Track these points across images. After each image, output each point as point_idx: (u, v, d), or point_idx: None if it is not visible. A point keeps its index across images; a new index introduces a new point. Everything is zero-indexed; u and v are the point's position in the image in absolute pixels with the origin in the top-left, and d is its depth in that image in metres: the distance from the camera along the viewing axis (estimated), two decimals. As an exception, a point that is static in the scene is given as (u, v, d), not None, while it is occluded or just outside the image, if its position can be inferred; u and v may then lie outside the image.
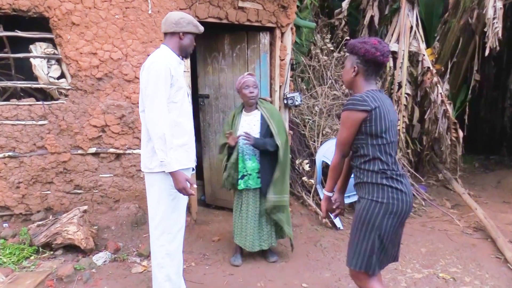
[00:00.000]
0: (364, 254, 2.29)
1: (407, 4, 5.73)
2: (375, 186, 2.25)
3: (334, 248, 4.19)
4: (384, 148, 2.24)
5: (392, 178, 2.25)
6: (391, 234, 2.29)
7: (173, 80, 2.61)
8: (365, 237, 2.28)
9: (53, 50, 3.90)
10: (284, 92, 4.74)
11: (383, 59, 2.25)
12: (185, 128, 2.76)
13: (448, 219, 5.08)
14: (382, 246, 2.29)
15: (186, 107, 2.80)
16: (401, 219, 2.30)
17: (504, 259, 3.93)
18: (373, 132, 2.21)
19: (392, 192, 2.24)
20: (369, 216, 2.25)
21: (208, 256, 3.97)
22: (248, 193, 3.67)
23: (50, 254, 3.66)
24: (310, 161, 5.09)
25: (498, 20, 5.39)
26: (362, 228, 2.29)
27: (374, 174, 2.25)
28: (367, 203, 2.27)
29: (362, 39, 2.29)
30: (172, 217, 2.80)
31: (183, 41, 2.73)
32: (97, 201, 4.16)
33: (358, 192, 2.39)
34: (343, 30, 6.23)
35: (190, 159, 2.84)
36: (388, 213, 2.23)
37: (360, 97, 2.21)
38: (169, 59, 2.65)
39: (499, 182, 6.57)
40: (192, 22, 2.73)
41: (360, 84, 2.32)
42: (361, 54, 2.25)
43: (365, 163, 2.28)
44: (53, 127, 3.93)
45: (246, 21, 4.33)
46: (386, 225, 2.24)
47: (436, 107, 5.78)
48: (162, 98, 2.56)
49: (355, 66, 2.30)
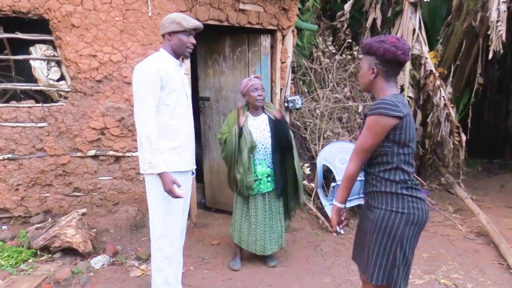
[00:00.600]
0: (385, 267, 2.16)
1: (410, 7, 5.69)
2: (394, 196, 2.12)
3: (335, 253, 4.15)
4: (408, 158, 2.13)
5: (412, 188, 2.13)
6: (413, 245, 2.18)
7: (163, 82, 2.59)
8: (385, 249, 2.14)
9: (53, 52, 3.89)
10: (285, 95, 4.71)
11: (404, 58, 2.09)
12: (178, 131, 2.73)
13: (450, 223, 5.03)
14: (405, 258, 2.17)
15: (181, 109, 2.75)
16: (421, 228, 2.18)
17: (507, 265, 3.88)
18: (402, 141, 2.07)
19: (413, 201, 2.12)
20: (389, 227, 2.12)
21: (207, 260, 3.94)
22: (257, 198, 3.64)
23: (48, 257, 3.64)
24: (311, 164, 5.06)
25: (502, 23, 5.34)
26: (382, 240, 2.15)
27: (395, 184, 2.11)
28: (385, 213, 2.13)
29: (378, 38, 2.13)
30: (169, 220, 2.78)
31: (172, 42, 2.69)
32: (96, 204, 4.14)
33: (372, 201, 2.23)
34: (345, 32, 6.20)
35: (184, 162, 2.80)
36: (409, 223, 2.11)
37: (391, 101, 2.04)
38: (160, 61, 2.63)
39: (502, 186, 6.51)
40: (175, 20, 2.64)
41: (381, 86, 2.16)
42: (380, 54, 2.09)
43: (385, 171, 2.13)
44: (52, 129, 3.91)
45: (247, 23, 4.31)
46: (408, 235, 2.12)
47: (439, 111, 5.74)
48: (150, 100, 2.56)
49: (373, 67, 2.13)
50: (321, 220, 4.74)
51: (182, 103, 2.77)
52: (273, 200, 3.68)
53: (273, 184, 3.65)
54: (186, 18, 2.66)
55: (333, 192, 4.71)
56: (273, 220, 3.70)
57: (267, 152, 3.59)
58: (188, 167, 2.86)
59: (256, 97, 3.50)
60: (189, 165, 2.87)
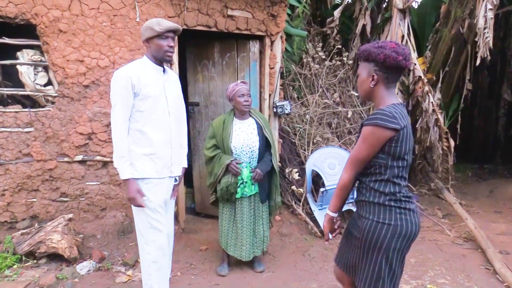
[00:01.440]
0: (371, 278, 2.12)
1: (399, 14, 5.75)
2: (381, 207, 2.08)
3: (323, 258, 4.15)
4: (401, 171, 2.07)
5: (401, 200, 2.08)
6: (400, 257, 2.12)
7: (136, 89, 2.59)
8: (371, 260, 2.11)
9: (40, 57, 3.89)
10: (274, 101, 4.72)
11: (405, 63, 2.02)
12: (151, 137, 2.69)
13: (439, 229, 5.06)
14: (391, 271, 2.11)
15: (157, 116, 2.71)
16: (411, 241, 2.11)
17: (493, 270, 3.90)
18: (397, 154, 2.02)
19: (401, 213, 2.06)
20: (375, 239, 2.07)
21: (194, 266, 3.93)
22: (242, 202, 3.64)
23: (33, 263, 3.62)
24: (300, 169, 5.07)
25: (489, 29, 5.39)
26: (369, 250, 2.12)
27: (383, 195, 2.08)
28: (371, 224, 2.09)
29: (376, 44, 2.06)
30: (148, 225, 2.77)
31: (151, 48, 2.68)
32: (84, 209, 4.12)
33: (360, 209, 2.20)
34: (335, 38, 6.24)
35: (157, 170, 2.75)
36: (396, 235, 2.05)
37: (389, 112, 1.98)
38: (135, 68, 2.64)
39: (491, 191, 6.55)
40: (149, 26, 2.62)
41: (381, 94, 2.09)
42: (380, 60, 2.01)
43: (375, 182, 2.09)
44: (39, 134, 3.90)
45: (236, 29, 4.32)
46: (395, 248, 2.06)
47: (428, 116, 5.77)
48: (119, 107, 2.59)
49: (373, 74, 2.06)
50: (310, 225, 4.74)
51: (160, 110, 2.72)
52: (257, 204, 3.70)
53: (257, 187, 3.66)
54: (160, 22, 2.64)
55: (322, 197, 4.72)
56: (257, 224, 3.71)
57: (254, 155, 3.60)
58: (161, 175, 2.78)
59: (242, 102, 3.51)
60: (163, 172, 2.79)
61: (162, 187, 2.81)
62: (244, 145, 3.56)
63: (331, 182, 4.70)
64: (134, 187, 2.64)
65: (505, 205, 6.03)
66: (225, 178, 3.52)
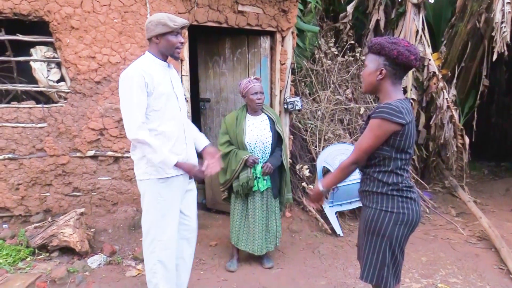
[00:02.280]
0: (375, 266, 2.20)
1: (413, 8, 5.65)
2: (384, 196, 2.16)
3: (332, 255, 4.13)
4: (404, 164, 2.15)
5: (403, 190, 2.16)
6: (402, 245, 2.21)
7: (149, 88, 2.52)
8: (375, 249, 2.20)
9: (53, 53, 3.95)
10: (285, 97, 4.70)
11: (416, 63, 2.07)
12: (168, 135, 2.65)
13: (452, 227, 4.97)
14: (394, 258, 2.20)
15: (171, 113, 2.67)
16: (412, 229, 2.21)
17: (507, 270, 3.82)
18: (401, 147, 2.08)
19: (403, 201, 2.15)
20: (378, 227, 2.16)
21: (204, 261, 3.95)
22: (255, 196, 3.65)
23: (46, 256, 3.69)
24: (311, 166, 5.04)
25: (507, 24, 5.26)
26: (373, 239, 2.20)
27: (386, 185, 2.15)
28: (375, 212, 2.18)
29: (389, 39, 2.08)
30: (162, 225, 2.73)
31: (160, 44, 2.61)
32: (96, 204, 4.18)
33: (363, 200, 2.29)
34: (348, 34, 6.16)
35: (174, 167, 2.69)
36: (398, 223, 2.14)
37: (396, 107, 2.02)
38: (145, 66, 2.55)
39: (507, 190, 6.41)
40: (161, 21, 2.53)
41: (387, 89, 2.13)
42: (393, 56, 2.03)
43: (379, 173, 2.16)
44: (52, 129, 3.96)
45: (246, 25, 4.31)
46: (397, 235, 2.15)
47: (442, 113, 5.67)
48: (136, 107, 2.49)
49: (382, 68, 2.09)
50: (321, 222, 4.72)
51: (172, 107, 2.68)
52: (270, 199, 3.71)
53: (269, 182, 3.66)
54: (171, 17, 2.58)
55: (333, 194, 4.69)
56: (269, 219, 3.72)
57: (267, 151, 3.62)
58: (179, 171, 2.72)
59: (255, 100, 3.51)
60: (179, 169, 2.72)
61: (178, 185, 2.77)
62: (258, 140, 3.57)
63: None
64: (186, 165, 2.68)
65: (521, 204, 5.91)
66: (244, 173, 3.54)
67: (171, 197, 2.73)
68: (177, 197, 2.77)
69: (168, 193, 2.71)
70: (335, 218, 4.69)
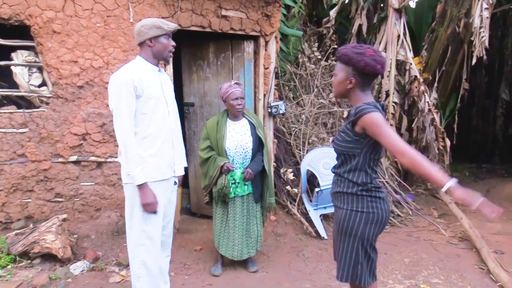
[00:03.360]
0: (349, 265, 2.27)
1: (394, 13, 5.75)
2: (354, 197, 2.22)
3: (317, 258, 4.15)
4: (374, 163, 2.21)
5: (372, 190, 2.22)
6: (374, 243, 2.28)
7: (138, 91, 2.53)
8: (348, 248, 2.26)
9: (34, 58, 3.90)
10: (268, 101, 4.72)
11: (382, 71, 2.16)
12: (156, 139, 2.67)
13: (434, 228, 5.05)
14: (367, 256, 2.27)
15: (160, 117, 2.69)
16: (382, 227, 2.28)
17: (487, 270, 3.89)
18: (372, 145, 2.14)
19: (372, 201, 2.21)
20: (350, 227, 2.22)
21: (188, 266, 3.94)
22: (235, 202, 3.65)
23: (27, 263, 3.62)
24: (295, 170, 5.07)
25: (485, 29, 5.41)
26: (345, 239, 2.26)
27: (356, 186, 2.21)
28: (346, 213, 2.24)
29: (356, 49, 2.13)
30: (146, 228, 2.71)
31: (154, 47, 2.64)
32: (78, 210, 4.13)
33: (336, 201, 2.35)
34: (331, 38, 6.25)
35: (162, 171, 2.73)
36: (369, 222, 2.21)
37: (369, 105, 2.09)
38: (135, 70, 2.57)
39: (488, 191, 6.54)
40: (155, 24, 2.59)
41: (357, 95, 2.20)
42: (360, 67, 2.10)
43: (349, 172, 2.22)
44: (33, 135, 3.91)
45: (230, 29, 4.33)
46: (368, 234, 2.22)
47: (424, 116, 5.78)
48: (125, 111, 2.51)
49: (351, 78, 2.15)
50: (305, 225, 4.74)
51: (161, 111, 2.70)
52: (251, 203, 3.71)
53: (250, 187, 3.67)
54: (163, 21, 2.64)
55: (317, 197, 4.72)
56: (250, 224, 3.72)
57: (247, 156, 3.62)
58: (165, 176, 2.76)
59: (236, 106, 3.52)
60: (167, 173, 2.78)
61: (163, 189, 2.77)
62: (238, 146, 3.57)
63: (326, 182, 4.70)
64: (151, 192, 2.61)
65: (502, 205, 6.00)
66: (220, 179, 3.54)
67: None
68: (161, 202, 2.76)
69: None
70: (319, 221, 4.72)
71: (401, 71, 6.05)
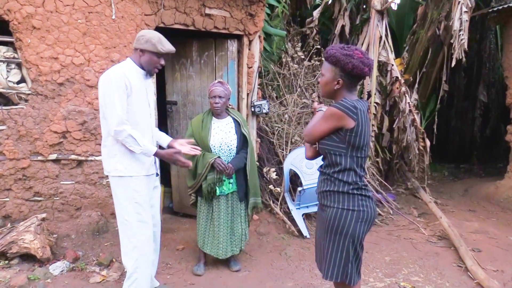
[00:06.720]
0: (339, 264, 2.27)
1: (377, 15, 5.81)
2: (345, 195, 2.24)
3: (299, 257, 4.17)
4: (360, 161, 2.24)
5: (361, 188, 2.26)
6: (362, 241, 2.30)
7: (128, 90, 2.69)
8: (339, 247, 2.26)
9: (13, 54, 3.81)
10: (252, 100, 4.73)
11: (369, 73, 2.19)
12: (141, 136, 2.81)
13: (414, 227, 5.13)
14: (355, 253, 2.29)
15: (141, 117, 2.85)
16: (370, 225, 2.31)
17: (465, 267, 3.97)
18: (356, 144, 2.17)
19: (362, 200, 2.25)
20: (341, 225, 2.23)
21: (170, 265, 3.91)
22: (220, 200, 3.65)
23: (5, 264, 3.53)
24: (278, 169, 5.09)
25: (464, 32, 5.51)
26: (335, 237, 2.26)
27: (347, 184, 2.23)
28: (337, 212, 2.24)
29: (344, 50, 2.15)
30: (137, 218, 2.83)
31: (142, 58, 2.79)
32: (58, 209, 4.05)
33: (323, 200, 2.34)
34: (315, 39, 6.28)
35: (145, 167, 2.89)
36: (360, 220, 2.23)
37: (352, 104, 2.11)
38: (125, 70, 2.73)
39: (466, 190, 6.69)
40: (151, 40, 2.72)
41: (344, 95, 2.22)
42: (348, 69, 2.12)
43: (339, 172, 2.24)
44: (12, 132, 3.82)
45: (213, 28, 4.32)
46: (359, 232, 2.24)
47: (405, 117, 5.86)
48: (119, 105, 2.65)
49: (339, 79, 2.17)
50: (288, 224, 4.76)
51: (143, 112, 2.87)
52: (235, 202, 3.71)
53: (235, 186, 3.67)
54: (161, 41, 2.76)
55: (299, 196, 4.75)
56: (235, 222, 3.72)
57: (232, 153, 3.63)
58: (148, 172, 2.94)
59: (213, 104, 3.56)
60: (150, 170, 2.95)
61: (148, 184, 2.95)
62: (223, 143, 3.59)
63: (309, 182, 4.73)
64: (167, 151, 2.90)
65: (479, 204, 6.17)
66: (211, 175, 3.54)
67: (146, 194, 2.89)
68: (146, 194, 2.92)
69: (143, 189, 2.86)
70: (301, 220, 4.75)
71: (382, 72, 6.12)
